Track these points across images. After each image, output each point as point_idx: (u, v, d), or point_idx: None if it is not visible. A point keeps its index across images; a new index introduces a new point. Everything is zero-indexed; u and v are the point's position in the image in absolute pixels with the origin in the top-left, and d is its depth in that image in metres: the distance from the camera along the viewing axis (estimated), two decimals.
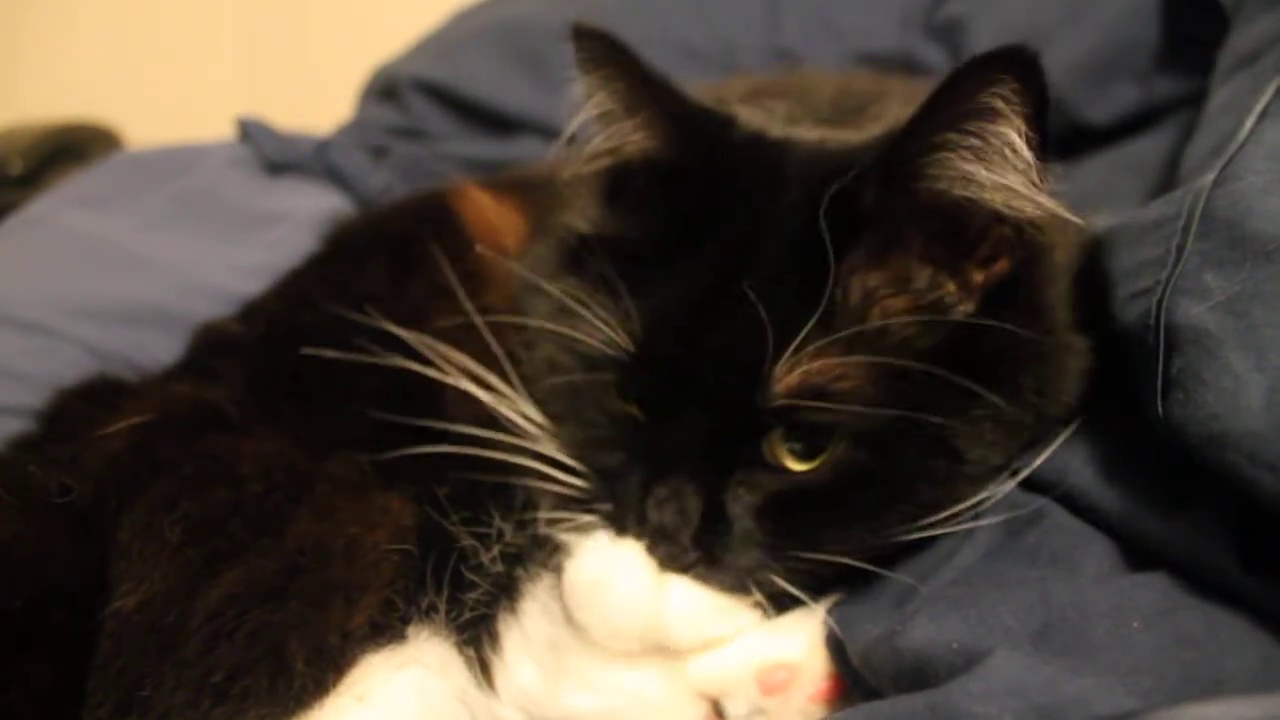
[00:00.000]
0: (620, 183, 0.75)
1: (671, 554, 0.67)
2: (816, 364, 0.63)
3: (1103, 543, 0.64)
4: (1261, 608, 0.56)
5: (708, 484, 0.67)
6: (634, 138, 0.72)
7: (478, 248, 0.86)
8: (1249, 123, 0.70)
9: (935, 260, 0.67)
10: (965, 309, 0.67)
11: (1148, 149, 1.07)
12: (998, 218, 0.65)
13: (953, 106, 0.62)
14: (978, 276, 0.67)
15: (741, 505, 0.67)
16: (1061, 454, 0.68)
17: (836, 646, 0.66)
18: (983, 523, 0.67)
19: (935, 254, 0.67)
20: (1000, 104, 0.61)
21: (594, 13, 1.36)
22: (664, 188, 0.72)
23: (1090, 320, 0.71)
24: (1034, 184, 0.63)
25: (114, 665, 0.65)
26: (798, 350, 0.63)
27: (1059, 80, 1.14)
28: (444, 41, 1.51)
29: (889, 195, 0.65)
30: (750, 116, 0.76)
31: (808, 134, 0.75)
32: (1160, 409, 0.61)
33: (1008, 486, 0.68)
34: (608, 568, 0.67)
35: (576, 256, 0.75)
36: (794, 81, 0.93)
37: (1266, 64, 0.82)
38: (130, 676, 0.65)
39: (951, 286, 0.67)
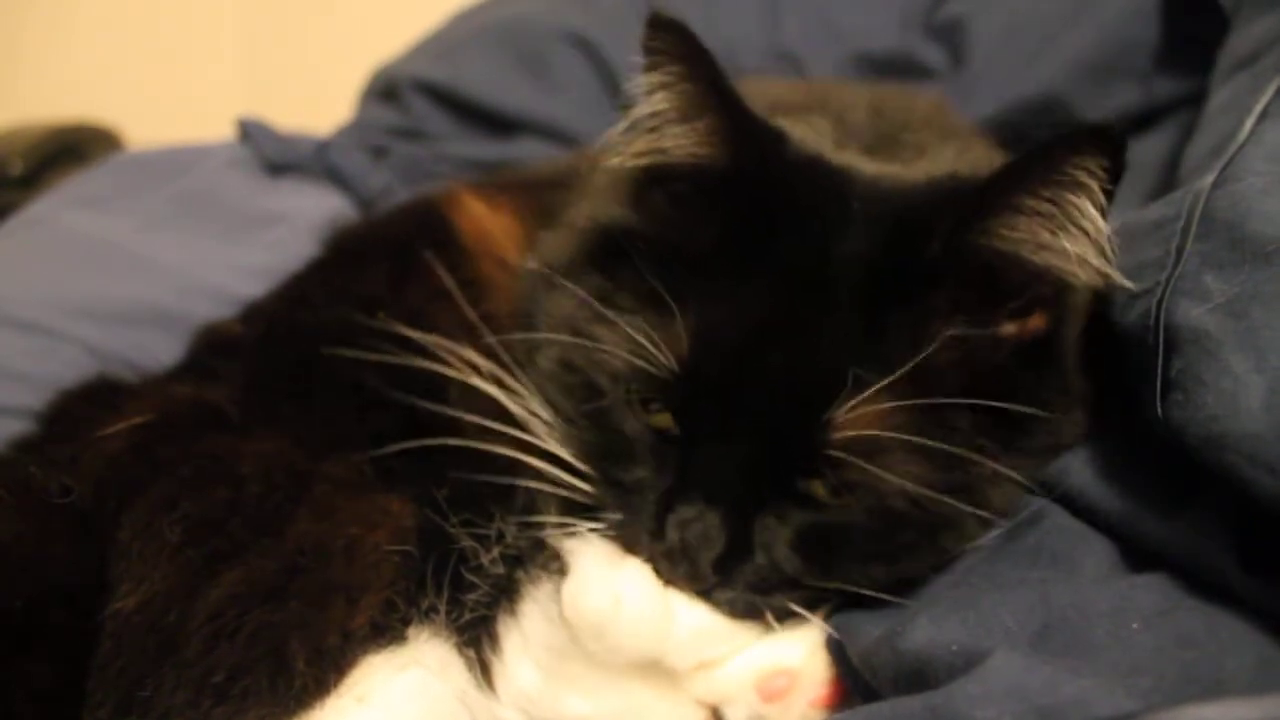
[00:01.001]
0: (661, 184, 0.72)
1: (689, 575, 0.66)
2: (873, 413, 0.62)
3: (1102, 544, 0.64)
4: (1261, 608, 0.56)
5: (737, 511, 0.65)
6: (689, 141, 0.69)
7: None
8: (1249, 123, 0.70)
9: (970, 311, 0.66)
10: (997, 359, 0.66)
11: (1147, 149, 1.07)
12: (1055, 281, 0.65)
13: (1038, 173, 0.62)
14: (1009, 329, 0.67)
15: (770, 535, 0.66)
16: (1061, 455, 0.68)
17: (837, 649, 0.66)
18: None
19: (971, 306, 0.66)
20: (1085, 177, 0.61)
21: (594, 13, 1.38)
22: (719, 197, 0.69)
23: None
24: (1104, 255, 0.64)
25: (114, 665, 0.65)
26: (857, 395, 0.62)
27: (1058, 81, 1.15)
28: (444, 42, 1.51)
29: (957, 249, 0.64)
30: (803, 134, 0.74)
31: (863, 164, 0.73)
32: (1160, 410, 0.61)
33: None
34: (612, 592, 0.65)
35: (604, 253, 0.73)
36: (822, 96, 0.91)
37: (1266, 64, 0.82)
38: (130, 677, 0.65)
39: (984, 337, 0.66)
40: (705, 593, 0.67)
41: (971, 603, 0.60)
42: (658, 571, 0.67)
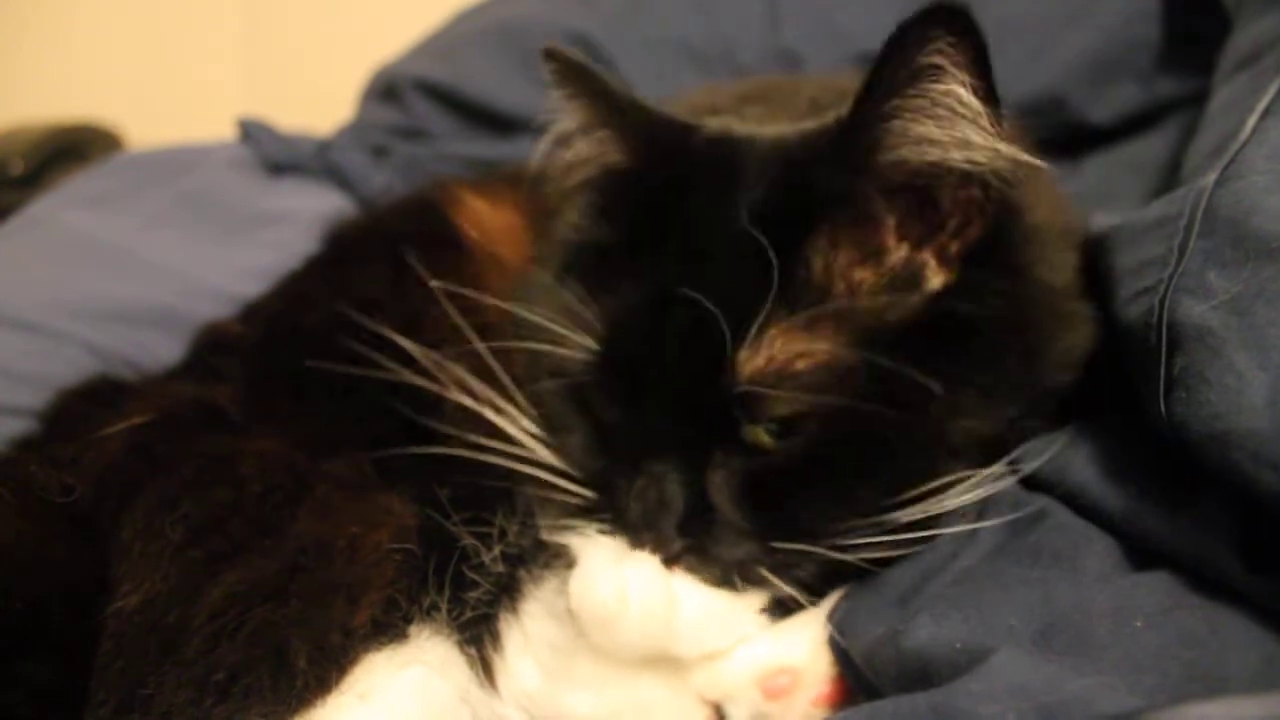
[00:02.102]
0: (584, 192, 0.77)
1: (658, 542, 0.67)
2: (779, 346, 0.64)
3: (1104, 542, 0.64)
4: (1264, 606, 0.56)
5: (686, 471, 0.67)
6: (601, 150, 0.74)
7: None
8: (1251, 122, 0.70)
9: (910, 236, 0.67)
10: (941, 280, 0.67)
11: (1149, 148, 1.07)
12: (963, 177, 0.65)
13: (894, 73, 0.62)
14: (953, 246, 0.67)
15: (720, 489, 0.67)
16: (1063, 453, 0.68)
17: (839, 647, 0.66)
18: (985, 523, 0.67)
19: (910, 230, 0.67)
20: (939, 59, 0.61)
21: (595, 13, 1.38)
22: (629, 194, 0.73)
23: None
24: (988, 131, 0.63)
25: (116, 664, 0.65)
26: (759, 334, 0.64)
27: (1060, 80, 1.15)
28: (444, 42, 1.51)
29: (848, 172, 0.65)
30: (719, 123, 0.77)
31: (771, 130, 0.74)
32: (1163, 408, 0.61)
33: (1009, 483, 0.68)
34: (618, 587, 0.66)
35: (567, 266, 0.76)
36: (765, 89, 0.93)
37: (1268, 63, 0.82)
38: (132, 676, 0.65)
39: (929, 259, 0.67)
40: (678, 557, 0.67)
41: (974, 601, 0.60)
42: (635, 544, 0.68)
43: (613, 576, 0.66)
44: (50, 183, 1.56)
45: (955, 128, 0.63)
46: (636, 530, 0.67)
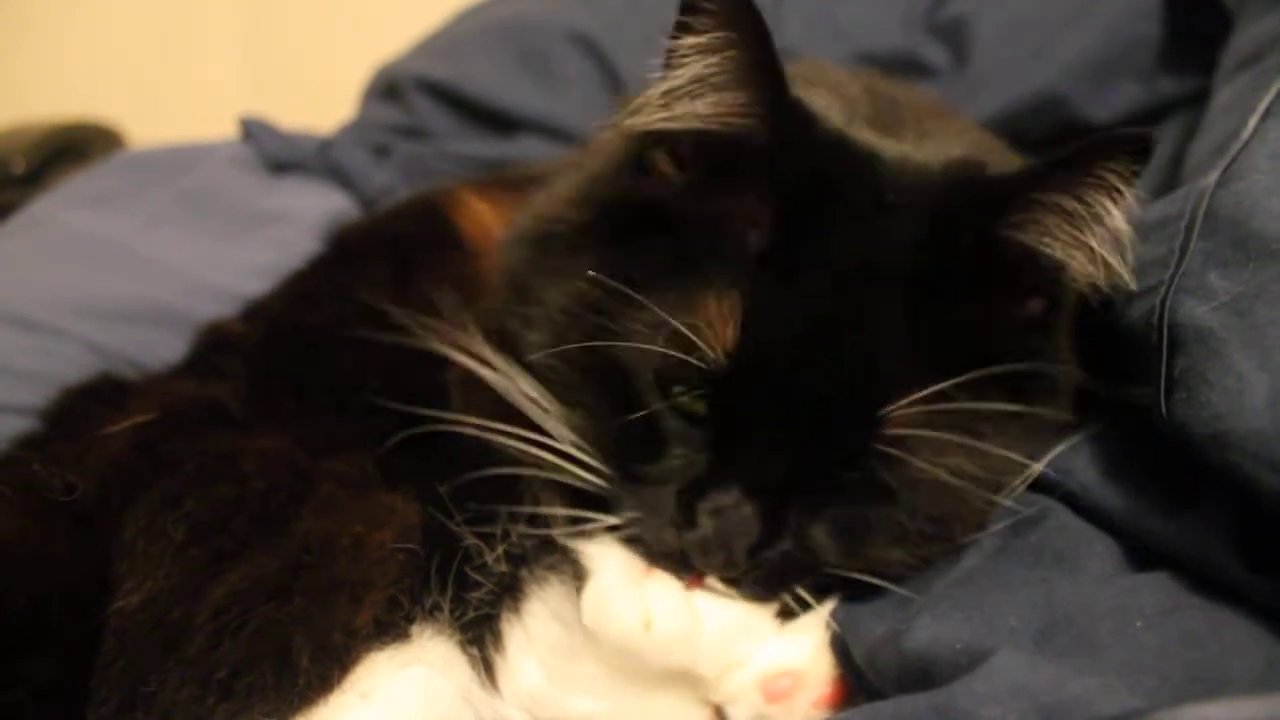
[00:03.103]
0: (696, 153, 0.69)
1: (724, 564, 0.65)
2: (922, 405, 0.63)
3: (1106, 542, 0.64)
4: (1265, 607, 0.56)
5: (774, 500, 0.65)
6: (731, 112, 0.66)
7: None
8: (1252, 122, 0.70)
9: (994, 299, 0.67)
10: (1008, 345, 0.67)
11: None
12: (1077, 279, 0.66)
13: (1074, 173, 0.62)
14: (1017, 311, 0.68)
15: (804, 523, 0.66)
16: (1065, 454, 0.68)
17: (841, 648, 0.66)
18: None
19: (995, 293, 0.67)
20: (1115, 180, 0.61)
21: (596, 11, 1.38)
22: (763, 175, 0.67)
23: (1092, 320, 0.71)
24: (1122, 256, 0.64)
25: (118, 663, 0.65)
26: (916, 395, 0.63)
27: (1061, 80, 1.15)
28: (446, 40, 1.51)
29: (986, 241, 0.65)
30: (819, 105, 0.72)
31: (882, 144, 0.72)
32: (1164, 408, 0.61)
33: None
34: (642, 612, 0.64)
35: (621, 225, 0.70)
36: (814, 71, 0.89)
37: (1270, 63, 0.82)
38: (134, 674, 0.65)
39: (1002, 321, 0.68)
40: (737, 580, 0.66)
41: (975, 602, 0.61)
42: (685, 563, 0.66)
43: (634, 598, 0.65)
44: (52, 181, 1.55)
45: (1101, 244, 0.63)
46: (705, 549, 0.65)
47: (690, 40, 0.65)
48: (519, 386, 0.71)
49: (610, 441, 0.69)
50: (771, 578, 0.67)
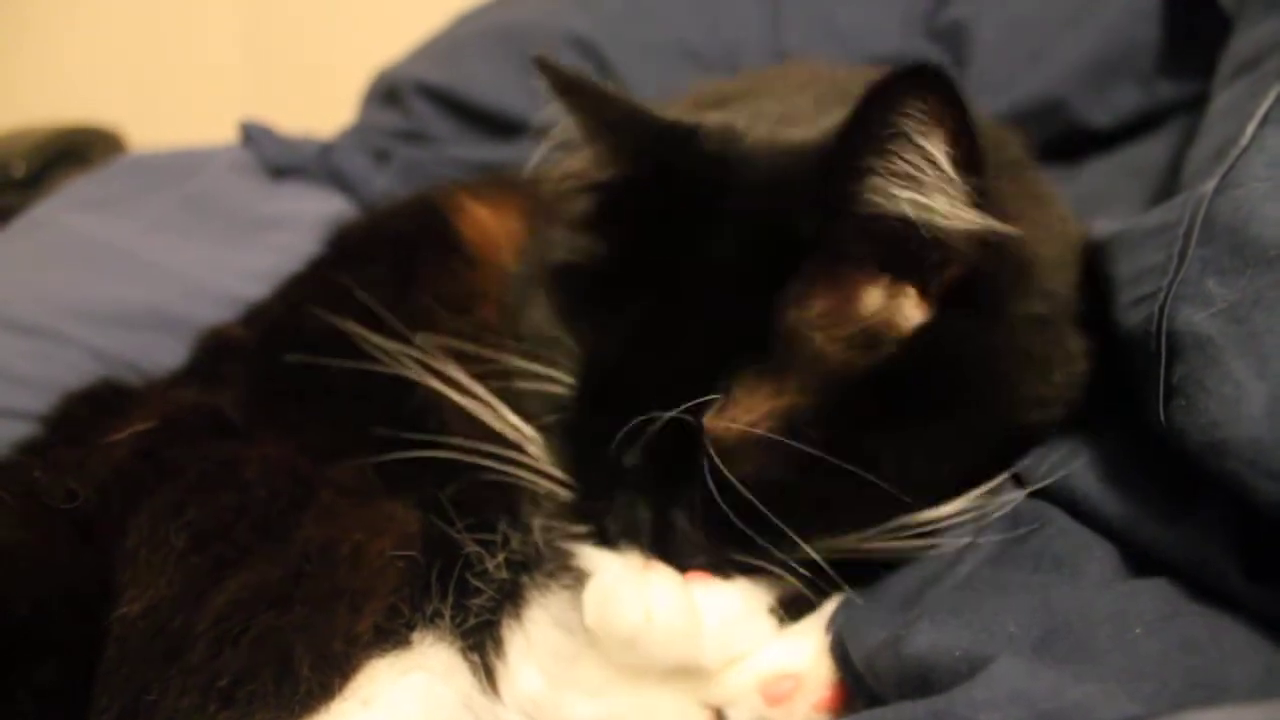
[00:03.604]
0: (589, 203, 0.75)
1: (641, 551, 0.69)
2: (746, 405, 0.65)
3: (1104, 548, 0.64)
4: (1264, 615, 0.56)
5: (656, 499, 0.69)
6: (597, 161, 0.73)
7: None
8: (1250, 128, 0.70)
9: (889, 273, 0.66)
10: (921, 317, 0.66)
11: (1150, 152, 1.07)
12: (934, 233, 0.64)
13: (869, 130, 0.61)
14: (932, 284, 0.66)
15: (682, 517, 0.68)
16: (1063, 460, 0.68)
17: (841, 652, 0.66)
18: (988, 526, 0.68)
19: (888, 268, 0.66)
20: (912, 124, 0.59)
21: (596, 15, 1.38)
22: (621, 208, 0.72)
23: (1091, 325, 0.71)
24: (960, 200, 0.62)
25: (120, 670, 0.65)
26: (729, 391, 0.64)
27: (1060, 83, 1.15)
28: (446, 45, 1.51)
29: (826, 220, 0.64)
30: (722, 123, 0.73)
31: (771, 135, 0.72)
32: (1162, 416, 0.61)
33: (1018, 496, 0.68)
34: (644, 607, 0.66)
35: (553, 275, 0.76)
36: (769, 82, 0.90)
37: (1268, 69, 0.82)
38: (136, 681, 0.65)
39: (911, 295, 0.66)
40: (668, 561, 0.69)
41: (975, 608, 0.61)
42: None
43: (635, 593, 0.66)
44: (52, 185, 1.56)
45: (926, 194, 0.61)
46: (619, 542, 0.70)
47: (554, 109, 0.72)
48: (496, 412, 0.75)
49: (568, 466, 0.74)
50: (705, 559, 0.69)
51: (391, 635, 0.68)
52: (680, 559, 0.69)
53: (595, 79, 0.71)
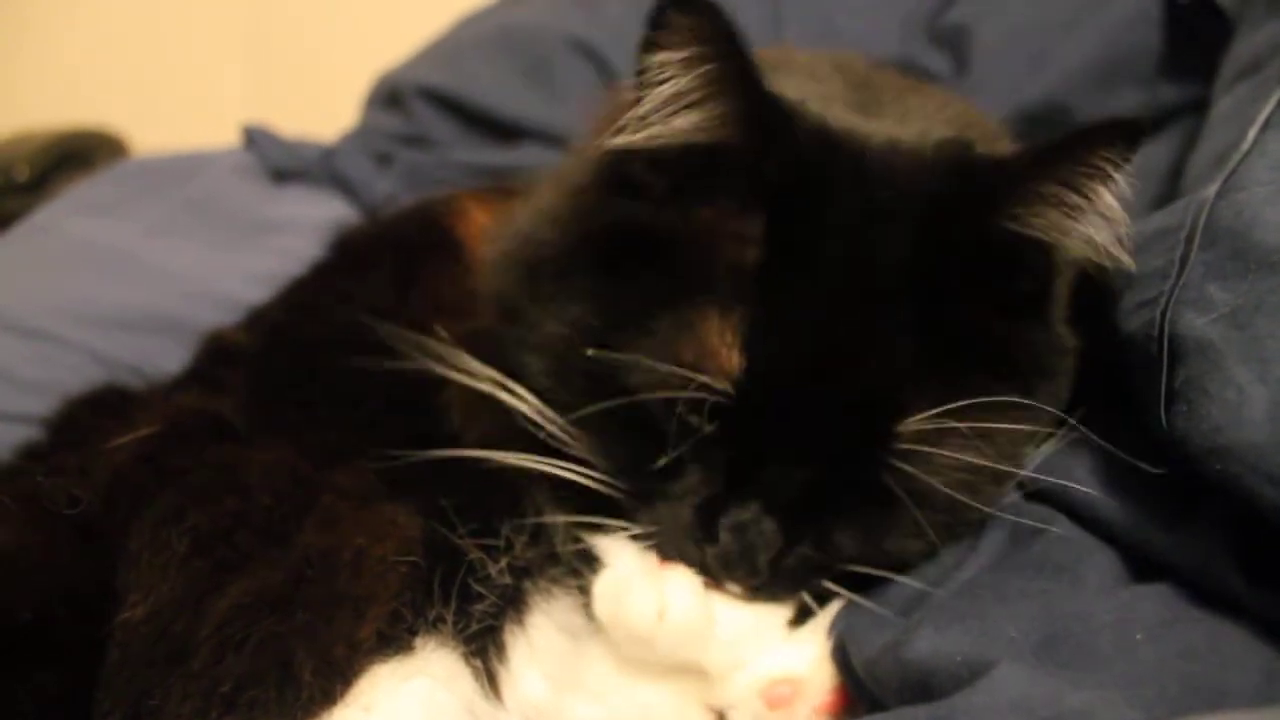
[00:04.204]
0: (679, 172, 0.68)
1: (747, 575, 0.66)
2: (928, 408, 0.63)
3: (1106, 554, 0.64)
4: (1264, 619, 0.56)
5: (792, 512, 0.66)
6: (712, 125, 0.66)
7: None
8: (1252, 133, 0.70)
9: (994, 291, 0.67)
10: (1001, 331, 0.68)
11: (1151, 156, 1.06)
12: (1073, 263, 0.67)
13: (1067, 161, 0.62)
14: (1013, 300, 0.68)
15: (823, 531, 0.67)
16: (1065, 465, 0.68)
17: (842, 656, 0.66)
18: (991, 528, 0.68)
19: (994, 286, 0.67)
20: (1109, 167, 0.62)
21: (597, 17, 1.38)
22: (750, 188, 0.66)
23: (1090, 330, 0.71)
24: (1121, 242, 0.65)
25: (122, 675, 0.66)
26: (928, 412, 0.63)
27: (1061, 87, 1.15)
28: (448, 48, 1.51)
29: (986, 237, 0.65)
30: (795, 97, 0.70)
31: (864, 128, 0.71)
32: (1164, 421, 0.61)
33: (1012, 497, 0.68)
34: (658, 602, 0.65)
35: (612, 249, 0.70)
36: (781, 57, 0.87)
37: (1269, 73, 0.81)
38: (138, 686, 0.65)
39: (1000, 313, 0.68)
40: (759, 589, 0.67)
41: (976, 613, 0.61)
42: (707, 574, 0.67)
43: (650, 587, 0.66)
44: (55, 189, 1.56)
45: (1099, 231, 0.64)
46: (726, 562, 0.66)
47: (662, 56, 0.64)
48: (524, 407, 0.72)
49: (621, 461, 0.70)
50: (790, 580, 0.68)
51: (394, 640, 0.67)
52: (798, 577, 0.67)
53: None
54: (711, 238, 0.67)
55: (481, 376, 0.73)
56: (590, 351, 0.67)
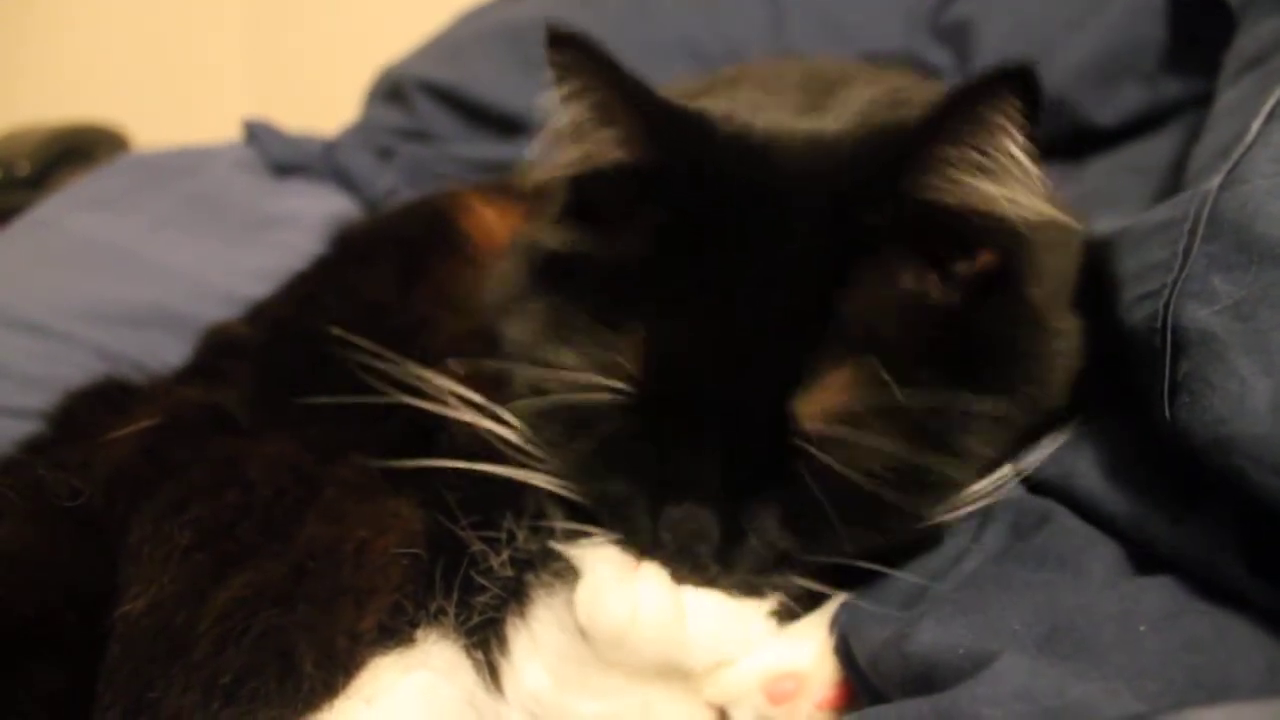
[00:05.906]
0: (592, 194, 0.72)
1: (693, 569, 0.67)
2: (834, 391, 0.63)
3: (1109, 546, 0.64)
4: (1268, 611, 0.56)
5: (724, 502, 0.66)
6: (610, 146, 0.69)
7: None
8: (1255, 125, 0.70)
9: (917, 266, 0.67)
10: (949, 302, 0.67)
11: (1154, 150, 1.07)
12: (999, 223, 0.65)
13: (956, 122, 0.62)
14: (962, 269, 0.67)
15: (758, 520, 0.67)
16: (1068, 457, 0.68)
17: (845, 650, 0.66)
18: (991, 516, 0.68)
19: (921, 253, 0.67)
20: (1003, 119, 0.61)
21: (598, 14, 1.38)
22: (650, 200, 0.68)
23: (1093, 322, 0.71)
24: (1034, 193, 0.64)
25: (123, 668, 0.66)
26: (815, 379, 0.63)
27: (1065, 82, 1.15)
28: (449, 43, 1.51)
29: (887, 209, 0.64)
30: (724, 110, 0.72)
31: (791, 124, 0.72)
32: (1167, 412, 0.61)
33: (1014, 487, 0.68)
34: (629, 602, 0.66)
35: (552, 273, 0.73)
36: (750, 71, 0.90)
37: (1274, 66, 0.81)
38: (139, 679, 0.65)
39: (935, 281, 0.67)
40: (712, 580, 0.68)
41: (978, 605, 0.61)
42: (669, 571, 0.68)
43: (623, 593, 0.66)
44: (56, 184, 1.56)
45: (1006, 185, 0.63)
46: (675, 560, 0.67)
47: (555, 92, 0.68)
48: (505, 432, 0.74)
49: (579, 473, 0.72)
50: (750, 572, 0.68)
51: (395, 633, 0.68)
52: (749, 565, 0.67)
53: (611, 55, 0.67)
54: (621, 254, 0.69)
55: (467, 409, 0.75)
56: (540, 364, 0.71)
